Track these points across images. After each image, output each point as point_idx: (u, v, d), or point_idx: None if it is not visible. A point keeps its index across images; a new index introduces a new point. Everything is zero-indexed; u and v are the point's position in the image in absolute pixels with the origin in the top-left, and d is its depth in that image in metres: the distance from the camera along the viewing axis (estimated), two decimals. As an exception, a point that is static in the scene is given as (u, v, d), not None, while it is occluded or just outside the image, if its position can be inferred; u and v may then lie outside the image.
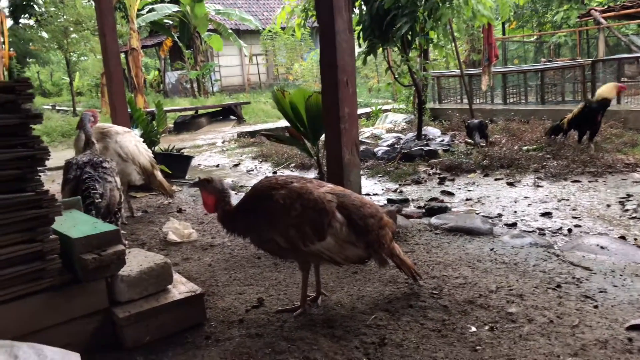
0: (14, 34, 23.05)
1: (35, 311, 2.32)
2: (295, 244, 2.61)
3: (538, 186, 5.83)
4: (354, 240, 2.65)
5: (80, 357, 2.27)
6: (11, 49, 19.84)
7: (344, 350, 2.41)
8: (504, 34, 20.11)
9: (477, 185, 6.11)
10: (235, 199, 2.97)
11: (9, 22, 21.70)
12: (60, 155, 9.57)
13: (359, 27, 8.50)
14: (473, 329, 2.56)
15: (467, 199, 5.55)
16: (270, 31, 23.28)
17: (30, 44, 24.40)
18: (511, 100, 11.98)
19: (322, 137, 4.70)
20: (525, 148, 7.65)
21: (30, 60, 27.27)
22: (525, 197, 5.43)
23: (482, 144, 7.99)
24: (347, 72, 3.82)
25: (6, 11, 22.94)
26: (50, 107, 22.75)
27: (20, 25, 25.42)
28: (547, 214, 4.81)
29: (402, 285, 3.10)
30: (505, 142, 8.18)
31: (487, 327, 2.56)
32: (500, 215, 4.86)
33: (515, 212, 4.96)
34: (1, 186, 2.25)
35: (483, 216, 4.71)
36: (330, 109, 3.89)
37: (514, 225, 4.52)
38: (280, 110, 5.17)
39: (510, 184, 6.01)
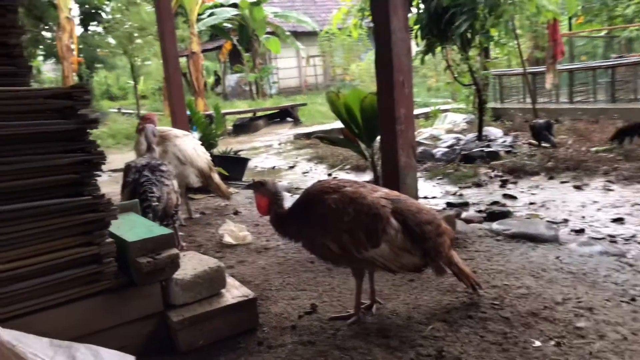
0: (84, 41, 24.10)
1: (92, 313, 2.36)
2: (347, 250, 2.54)
3: (608, 190, 5.51)
4: (409, 247, 2.55)
5: (135, 360, 2.30)
6: (81, 55, 20.77)
7: (399, 362, 2.32)
8: (570, 29, 19.25)
9: (542, 189, 5.84)
10: (290, 201, 2.94)
11: (79, 30, 22.77)
12: (124, 157, 9.90)
13: (417, 26, 8.33)
14: (537, 343, 2.41)
15: (530, 203, 5.31)
16: (327, 32, 23.25)
17: (98, 50, 25.49)
18: (578, 99, 11.43)
19: (378, 139, 4.61)
20: (594, 149, 7.26)
21: (98, 65, 28.45)
22: (594, 202, 5.13)
23: (546, 145, 7.65)
24: (403, 72, 3.71)
25: (77, 20, 24.03)
26: (116, 110, 23.65)
27: (89, 32, 26.57)
28: (618, 220, 4.52)
29: (461, 294, 2.97)
30: (571, 143, 7.80)
31: (552, 342, 2.41)
32: (566, 221, 4.61)
33: (583, 217, 4.69)
34: (59, 190, 2.30)
35: (547, 221, 4.48)
36: (385, 110, 3.79)
37: (581, 231, 4.27)
38: (335, 112, 5.11)
39: (578, 187, 5.70)
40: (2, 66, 2.44)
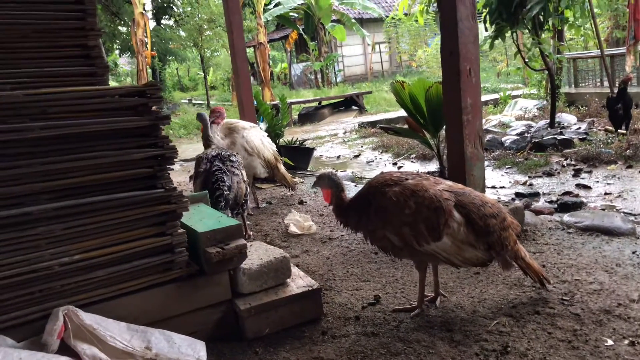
0: (156, 34, 25.01)
1: (165, 300, 2.49)
2: (409, 243, 2.54)
3: (693, 180, 5.17)
4: (473, 241, 2.52)
5: (205, 346, 2.41)
6: (154, 49, 21.58)
7: (462, 356, 2.31)
8: (655, 6, 18.05)
9: (618, 178, 5.56)
10: (354, 190, 2.97)
11: (151, 24, 23.64)
12: (195, 147, 10.27)
13: (486, 10, 8.08)
14: (609, 342, 2.32)
15: (605, 194, 5.07)
16: (393, 18, 22.97)
17: (170, 42, 26.38)
18: (662, 82, 10.71)
19: (444, 128, 4.54)
20: (678, 136, 6.81)
21: (170, 58, 29.46)
22: (677, 193, 4.84)
23: (624, 131, 7.23)
24: (470, 61, 3.63)
25: (150, 14, 24.96)
26: (187, 101, 24.48)
27: (162, 26, 27.52)
28: None
29: (528, 289, 2.90)
30: (653, 129, 7.35)
31: (626, 342, 2.31)
32: (645, 213, 4.38)
33: (664, 209, 4.44)
34: (134, 184, 2.43)
35: (624, 213, 4.27)
36: (451, 100, 3.73)
37: (662, 224, 4.04)
38: (399, 102, 5.07)
39: (659, 177, 5.39)
40: (82, 67, 2.60)
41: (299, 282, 2.82)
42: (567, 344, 2.34)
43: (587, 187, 5.38)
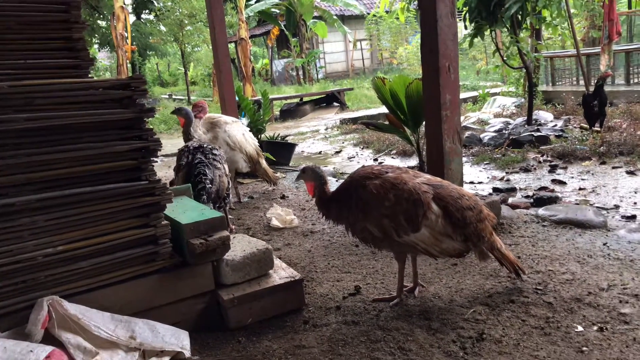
0: (137, 29, 24.76)
1: (148, 291, 2.53)
2: (389, 234, 2.62)
3: (664, 175, 5.33)
4: (450, 232, 2.60)
5: (188, 335, 2.46)
6: (134, 43, 21.37)
7: (440, 343, 2.39)
8: (630, 7, 18.38)
9: (592, 174, 5.71)
10: (335, 185, 3.03)
11: (131, 18, 23.39)
12: (175, 142, 10.22)
13: (465, 9, 8.19)
14: (580, 328, 2.42)
15: (580, 189, 5.21)
16: (374, 15, 23.09)
17: (150, 37, 26.13)
18: (636, 81, 10.96)
19: (423, 124, 4.62)
20: (650, 133, 6.99)
21: (150, 52, 29.17)
22: (648, 188, 4.99)
23: (598, 129, 7.40)
24: (449, 58, 3.71)
25: (130, 8, 24.69)
26: (168, 97, 24.29)
27: (142, 20, 27.24)
28: (673, 207, 4.39)
29: (504, 279, 3.00)
30: (626, 127, 7.53)
31: (595, 328, 2.41)
32: (617, 207, 4.51)
33: (635, 203, 4.57)
34: (118, 176, 2.46)
35: (597, 207, 4.40)
36: (431, 96, 3.81)
37: (632, 218, 4.16)
38: (380, 98, 5.14)
39: (631, 173, 5.54)
40: (67, 59, 2.61)
41: (281, 273, 2.88)
42: (540, 331, 2.43)
43: (562, 183, 5.51)
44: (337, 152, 9.08)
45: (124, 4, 16.98)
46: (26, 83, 2.23)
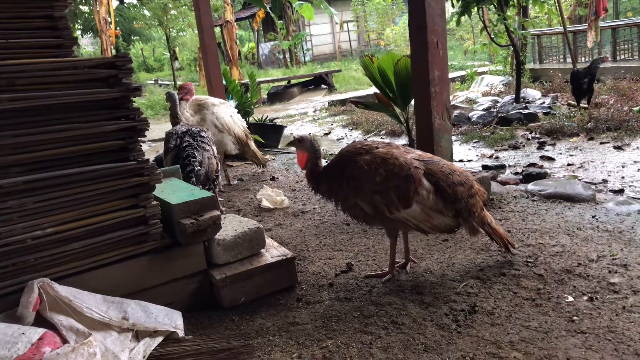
0: (120, 13, 24.44)
1: (140, 272, 2.51)
2: (380, 211, 2.61)
3: (650, 149, 5.38)
4: (441, 208, 2.60)
5: (181, 315, 2.45)
6: (117, 28, 21.07)
7: (432, 317, 2.40)
8: (615, -16, 18.40)
9: (580, 150, 5.75)
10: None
11: (115, 3, 23.03)
12: (163, 127, 10.13)
13: (452, -14, 8.15)
14: (570, 299, 2.45)
15: (568, 165, 5.25)
16: (361, -4, 22.94)
17: (134, 22, 25.81)
18: (622, 57, 11.01)
19: (412, 102, 4.61)
20: (636, 108, 7.04)
21: (135, 37, 28.83)
22: (635, 162, 5.03)
23: (585, 105, 7.44)
24: (437, 34, 3.69)
25: (112, -8, 24.28)
26: (153, 82, 24.03)
27: (125, 5, 26.86)
28: (659, 180, 4.44)
29: (495, 253, 3.02)
30: (613, 103, 7.58)
31: (585, 298, 2.44)
32: (605, 181, 4.55)
33: (623, 177, 4.62)
34: (106, 156, 2.43)
35: (585, 182, 4.43)
36: (419, 73, 3.79)
37: (620, 191, 4.21)
38: (369, 76, 5.11)
39: (618, 148, 5.59)
40: (49, 38, 2.56)
41: (273, 252, 2.87)
42: (531, 302, 2.45)
43: (551, 159, 5.55)
44: (326, 134, 9.06)
45: (107, -13, 16.71)
46: (7, 63, 2.18)
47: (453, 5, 8.34)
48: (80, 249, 2.39)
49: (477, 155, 6.15)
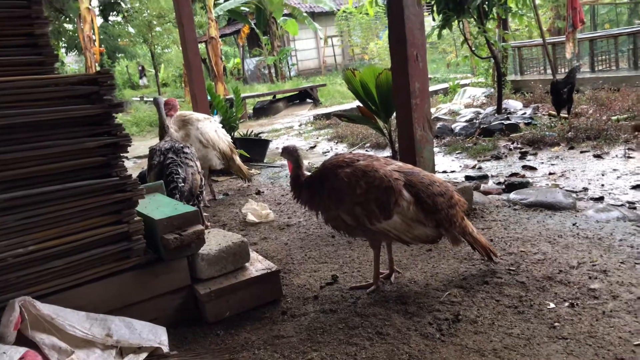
0: (104, 31, 24.42)
1: (124, 288, 2.50)
2: (361, 222, 2.63)
3: (629, 157, 5.47)
4: (422, 219, 2.63)
5: (166, 331, 2.44)
6: (102, 46, 21.06)
7: (417, 326, 2.42)
8: (593, -4, 18.79)
9: (561, 159, 5.83)
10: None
11: (99, 21, 23.03)
12: (148, 143, 10.10)
13: (433, 1, 8.27)
14: (552, 305, 2.48)
15: (550, 174, 5.32)
16: (344, 12, 23.17)
17: (119, 39, 25.80)
18: (600, 68, 11.22)
19: (394, 115, 4.65)
20: (615, 118, 7.17)
21: (119, 55, 28.80)
22: (614, 170, 5.11)
23: (565, 115, 7.57)
24: (417, 47, 3.75)
25: (97, 10, 24.31)
26: (139, 99, 23.98)
27: (110, 22, 26.88)
28: (638, 187, 4.51)
29: (477, 262, 3.05)
30: (592, 113, 7.71)
31: (567, 304, 2.47)
32: (585, 190, 4.62)
33: (603, 185, 4.70)
34: (88, 172, 2.43)
35: (567, 190, 4.49)
36: (400, 85, 3.85)
37: (600, 199, 4.28)
38: (351, 89, 5.17)
39: (598, 156, 5.68)
40: (29, 56, 2.57)
41: (257, 265, 2.87)
42: (514, 310, 2.48)
43: (532, 168, 5.62)
44: (312, 148, 9.09)
45: (90, 5, 16.72)
46: (-12, 81, 2.18)
47: (434, 19, 8.46)
48: (63, 266, 2.38)
49: (460, 166, 6.21)
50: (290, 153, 2.92)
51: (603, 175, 5.01)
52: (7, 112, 2.20)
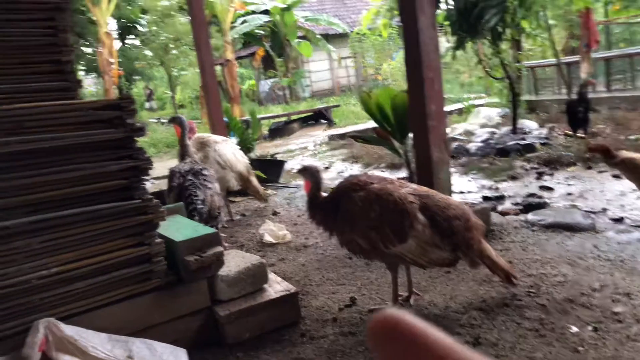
0: (122, 54, 24.85)
1: (145, 310, 2.53)
2: (376, 246, 2.63)
3: (648, 177, 5.41)
4: (438, 242, 2.61)
5: (186, 353, 2.45)
6: (120, 68, 21.43)
7: (436, 349, 2.40)
8: (606, 16, 18.75)
9: (579, 179, 5.79)
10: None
11: (117, 44, 23.49)
12: (166, 165, 10.21)
13: (447, 22, 8.33)
14: (574, 329, 2.45)
15: (567, 194, 5.27)
16: (357, 33, 23.34)
17: (136, 62, 26.23)
18: (616, 87, 11.16)
19: (411, 135, 4.67)
20: (633, 137, 7.11)
21: (137, 77, 29.26)
22: (634, 190, 5.05)
23: (582, 135, 7.53)
24: (433, 69, 3.78)
25: (115, 34, 24.80)
26: (156, 121, 24.25)
27: (127, 45, 27.37)
28: (659, 207, 4.46)
29: (497, 284, 3.02)
30: (609, 132, 7.65)
31: (590, 327, 2.45)
32: (604, 210, 4.57)
33: (622, 205, 4.64)
34: (111, 195, 2.48)
35: (585, 211, 4.45)
36: (416, 107, 3.87)
37: (620, 220, 4.22)
38: (367, 111, 5.19)
39: (617, 176, 5.61)
40: (56, 82, 2.64)
41: (276, 287, 2.89)
42: (535, 333, 2.46)
43: (550, 189, 5.58)
44: (327, 168, 9.11)
45: (108, 30, 17.07)
46: (17, 106, 2.25)
47: (448, 41, 8.51)
48: (86, 287, 2.41)
49: (477, 187, 6.18)
50: (312, 174, 2.90)
51: (622, 195, 4.96)
52: (34, 137, 2.26)
